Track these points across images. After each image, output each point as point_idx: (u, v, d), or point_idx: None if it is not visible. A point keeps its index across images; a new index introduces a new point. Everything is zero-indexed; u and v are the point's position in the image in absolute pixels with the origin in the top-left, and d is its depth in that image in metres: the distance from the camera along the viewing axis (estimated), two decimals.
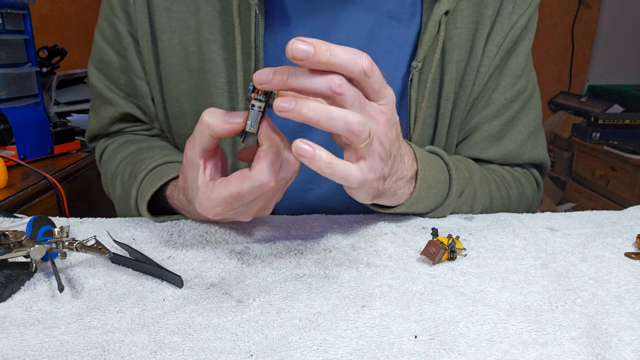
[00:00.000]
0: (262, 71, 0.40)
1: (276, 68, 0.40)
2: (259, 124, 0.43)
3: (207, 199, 0.45)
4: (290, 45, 0.38)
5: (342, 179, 0.42)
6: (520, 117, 0.71)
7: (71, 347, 0.36)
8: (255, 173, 0.43)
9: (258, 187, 0.43)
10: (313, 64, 0.39)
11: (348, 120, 0.40)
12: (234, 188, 0.44)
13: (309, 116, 0.40)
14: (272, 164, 0.43)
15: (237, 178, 0.44)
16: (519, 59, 0.68)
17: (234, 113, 0.44)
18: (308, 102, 0.40)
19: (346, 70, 0.40)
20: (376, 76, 0.42)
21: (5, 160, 1.01)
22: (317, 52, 0.38)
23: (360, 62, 0.40)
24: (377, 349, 0.36)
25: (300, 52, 0.38)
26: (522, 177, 0.74)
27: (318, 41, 0.39)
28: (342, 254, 0.51)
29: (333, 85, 0.40)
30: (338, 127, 0.40)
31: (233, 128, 0.43)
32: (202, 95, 0.65)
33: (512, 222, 0.59)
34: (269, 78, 0.40)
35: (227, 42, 0.62)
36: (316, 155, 0.40)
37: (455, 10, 0.63)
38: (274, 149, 0.43)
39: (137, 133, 0.75)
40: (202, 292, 0.44)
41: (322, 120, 0.40)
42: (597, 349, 0.36)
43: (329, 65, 0.39)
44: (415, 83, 0.63)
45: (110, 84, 0.71)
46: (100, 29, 0.70)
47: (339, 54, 0.40)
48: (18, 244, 0.45)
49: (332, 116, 0.40)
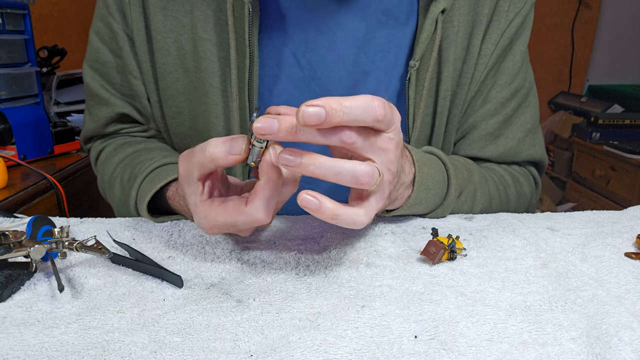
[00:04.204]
0: (265, 121, 0.39)
1: (280, 117, 0.39)
2: (260, 158, 0.43)
3: (204, 219, 0.45)
4: (300, 113, 0.37)
5: (348, 225, 0.42)
6: (518, 115, 0.71)
7: (71, 347, 0.36)
8: (250, 209, 0.43)
9: (252, 222, 0.44)
10: (327, 127, 0.38)
11: (356, 175, 0.40)
12: (229, 219, 0.44)
13: (315, 172, 0.39)
14: (268, 201, 0.43)
15: (232, 209, 0.44)
16: (516, 56, 0.68)
17: (237, 142, 0.42)
18: (314, 158, 0.39)
19: (360, 123, 0.39)
20: (388, 114, 0.41)
21: (5, 160, 1.01)
22: (330, 114, 0.37)
23: (373, 112, 0.39)
24: (377, 349, 0.36)
25: (312, 117, 0.37)
26: (520, 176, 0.74)
27: (328, 100, 0.37)
28: (342, 254, 0.51)
29: (345, 138, 0.39)
30: (346, 181, 0.40)
31: (236, 160, 0.43)
32: (198, 94, 0.65)
33: (512, 222, 0.59)
34: (274, 130, 0.38)
35: (222, 41, 0.62)
36: (322, 207, 0.39)
37: (452, 9, 0.63)
38: (270, 185, 0.42)
39: (133, 135, 0.75)
40: (202, 292, 0.44)
41: (330, 176, 0.39)
42: (597, 349, 0.36)
43: (342, 124, 0.38)
44: (413, 82, 0.63)
45: (106, 84, 0.71)
46: (95, 28, 0.70)
47: (352, 111, 0.38)
48: (18, 244, 0.45)
49: (339, 172, 0.39)
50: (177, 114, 0.68)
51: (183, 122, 0.68)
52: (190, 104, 0.67)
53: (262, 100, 0.66)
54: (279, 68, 0.65)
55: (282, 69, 0.65)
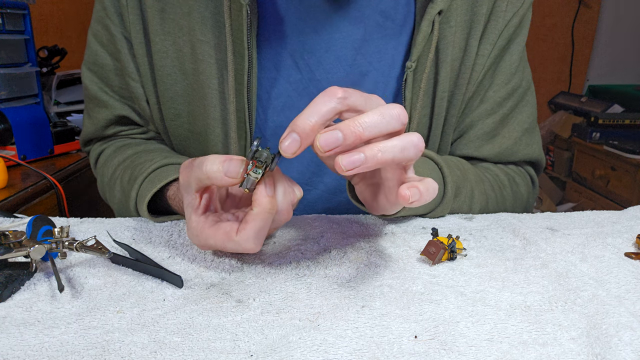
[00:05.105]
0: (327, 136, 0.37)
1: (341, 129, 0.38)
2: (254, 186, 0.43)
3: (196, 237, 0.46)
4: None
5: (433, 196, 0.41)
6: (514, 114, 0.71)
7: (71, 347, 0.36)
8: (239, 239, 0.43)
9: (241, 250, 0.44)
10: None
11: (415, 143, 0.39)
12: (219, 243, 0.45)
13: (384, 158, 0.38)
14: (258, 232, 0.43)
15: (223, 235, 0.44)
16: (513, 56, 0.68)
17: (234, 164, 0.42)
18: (373, 147, 0.38)
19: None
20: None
21: (5, 160, 1.01)
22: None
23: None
24: (377, 349, 0.36)
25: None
26: (517, 176, 0.74)
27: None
28: (342, 254, 0.51)
29: (402, 118, 0.39)
30: (410, 154, 0.39)
31: (232, 183, 0.43)
32: (196, 96, 0.65)
33: (512, 222, 0.59)
34: (340, 141, 0.37)
35: (220, 43, 0.62)
36: (422, 198, 0.40)
37: (449, 10, 0.63)
38: (262, 216, 0.42)
39: (132, 136, 0.75)
40: (202, 292, 0.44)
41: (398, 155, 0.39)
42: (597, 349, 0.36)
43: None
44: (409, 83, 0.63)
45: (105, 87, 0.71)
46: (93, 31, 0.70)
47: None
48: (18, 244, 0.45)
49: (403, 146, 0.39)
50: (175, 116, 0.68)
51: (182, 124, 0.68)
52: (188, 106, 0.67)
53: (261, 102, 0.66)
54: (277, 70, 0.65)
55: (280, 71, 0.65)
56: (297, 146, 0.38)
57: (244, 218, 0.43)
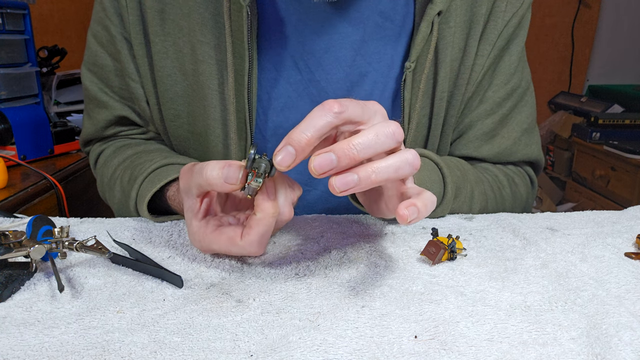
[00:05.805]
0: (321, 158, 0.37)
1: (335, 151, 0.37)
2: (256, 192, 0.43)
3: (199, 242, 0.46)
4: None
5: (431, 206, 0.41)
6: (514, 114, 0.71)
7: (71, 347, 0.36)
8: (244, 243, 0.44)
9: (246, 254, 0.45)
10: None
11: (410, 161, 0.39)
12: (223, 248, 0.45)
13: (377, 179, 0.38)
14: (262, 237, 0.43)
15: (227, 240, 0.45)
16: (512, 57, 0.68)
17: (232, 170, 0.42)
18: (367, 168, 0.38)
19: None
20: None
21: (5, 160, 1.01)
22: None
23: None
24: (377, 349, 0.36)
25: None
26: (516, 176, 0.74)
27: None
28: (342, 254, 0.51)
29: (397, 136, 0.39)
30: (405, 172, 0.39)
31: (232, 189, 0.43)
32: (196, 97, 0.65)
33: (512, 222, 0.59)
34: (334, 163, 0.37)
35: (220, 44, 0.62)
36: (420, 215, 0.40)
37: (449, 10, 0.63)
38: (265, 221, 0.43)
39: (132, 137, 0.75)
40: (202, 292, 0.44)
41: (392, 175, 0.39)
42: (597, 349, 0.36)
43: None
44: (408, 84, 0.63)
45: (105, 87, 0.71)
46: (93, 31, 0.70)
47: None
48: (18, 244, 0.45)
49: (398, 166, 0.39)
50: (175, 117, 0.68)
51: (182, 125, 0.68)
52: (188, 107, 0.67)
53: (261, 102, 0.66)
54: (277, 71, 0.65)
55: (280, 72, 0.65)
56: (291, 159, 0.38)
57: (247, 223, 0.44)
